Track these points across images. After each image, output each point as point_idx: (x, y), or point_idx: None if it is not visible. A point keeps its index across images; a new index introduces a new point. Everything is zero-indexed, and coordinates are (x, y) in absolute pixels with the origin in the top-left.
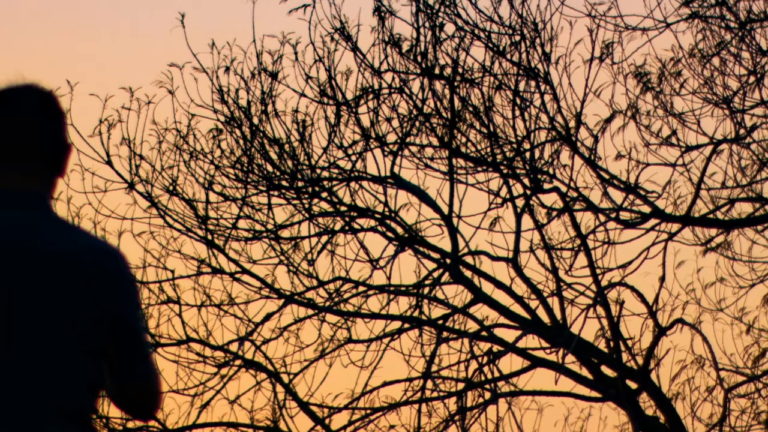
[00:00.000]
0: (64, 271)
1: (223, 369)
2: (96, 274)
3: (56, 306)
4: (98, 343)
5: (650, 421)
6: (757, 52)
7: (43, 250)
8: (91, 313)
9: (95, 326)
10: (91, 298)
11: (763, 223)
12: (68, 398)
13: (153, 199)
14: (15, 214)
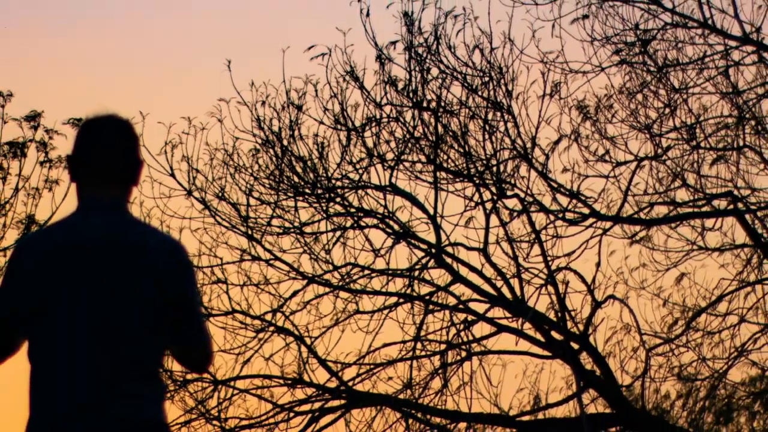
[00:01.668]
0: (138, 258)
1: (260, 334)
2: (163, 260)
3: (132, 287)
4: (164, 316)
5: (589, 374)
6: (671, 89)
7: (122, 243)
8: (158, 291)
9: (161, 302)
10: (158, 280)
11: (676, 221)
12: (141, 361)
13: (206, 203)
14: (101, 215)
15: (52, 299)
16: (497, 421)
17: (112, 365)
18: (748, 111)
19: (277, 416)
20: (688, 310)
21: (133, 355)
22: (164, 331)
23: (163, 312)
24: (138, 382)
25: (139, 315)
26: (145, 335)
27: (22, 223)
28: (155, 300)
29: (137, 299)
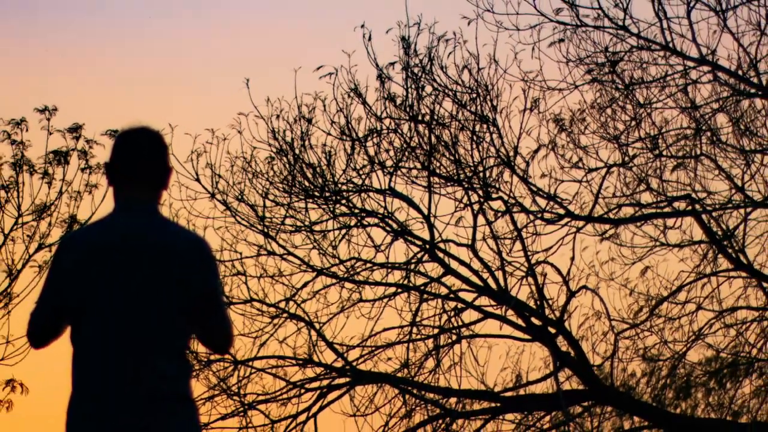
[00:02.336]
0: (167, 253)
1: (274, 320)
2: (189, 255)
3: (162, 279)
4: (190, 304)
5: (564, 355)
6: (636, 105)
7: (153, 240)
8: (185, 283)
9: (188, 292)
10: (185, 273)
11: (640, 221)
12: (170, 342)
13: (227, 204)
14: (135, 216)
15: (91, 290)
16: (483, 397)
17: (144, 347)
18: (705, 124)
19: (290, 392)
20: (651, 299)
21: (162, 339)
22: (191, 317)
23: (189, 301)
24: (167, 362)
25: (168, 303)
26: (172, 321)
27: (65, 223)
28: (182, 290)
29: (166, 290)
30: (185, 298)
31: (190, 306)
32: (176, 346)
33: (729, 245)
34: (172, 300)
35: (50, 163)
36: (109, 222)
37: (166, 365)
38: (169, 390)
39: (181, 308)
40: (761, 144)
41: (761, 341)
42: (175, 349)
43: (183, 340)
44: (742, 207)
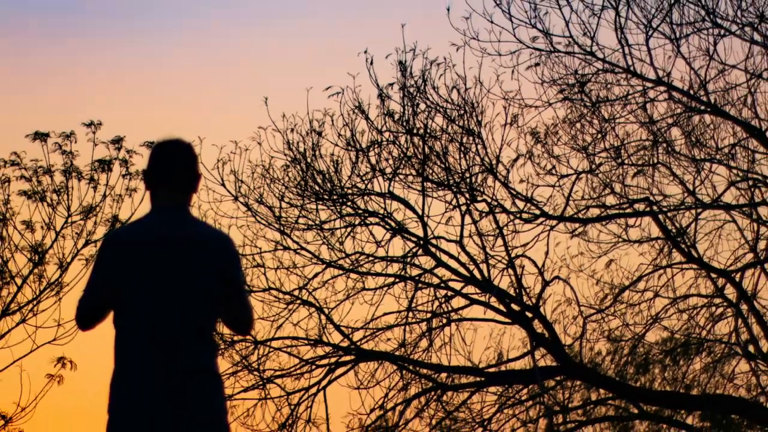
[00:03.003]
0: (197, 248)
1: (289, 306)
2: (216, 249)
3: (193, 270)
4: (217, 292)
5: (539, 337)
6: (602, 120)
7: (184, 237)
8: (213, 273)
9: (215, 282)
10: (213, 265)
11: (605, 220)
12: (200, 325)
13: (248, 206)
14: (169, 216)
15: (131, 280)
16: (470, 372)
17: (177, 330)
18: (661, 136)
19: (303, 368)
20: (615, 287)
21: (193, 322)
22: (217, 304)
23: (216, 289)
24: (197, 342)
25: (198, 292)
26: (202, 307)
27: (109, 222)
28: (210, 280)
29: (196, 280)
30: (213, 287)
31: (217, 294)
32: (205, 328)
33: (682, 241)
34: (202, 288)
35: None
36: (146, 221)
37: (196, 345)
38: (199, 367)
39: (209, 296)
40: (709, 154)
41: (710, 324)
42: (204, 331)
43: (210, 323)
44: (693, 208)
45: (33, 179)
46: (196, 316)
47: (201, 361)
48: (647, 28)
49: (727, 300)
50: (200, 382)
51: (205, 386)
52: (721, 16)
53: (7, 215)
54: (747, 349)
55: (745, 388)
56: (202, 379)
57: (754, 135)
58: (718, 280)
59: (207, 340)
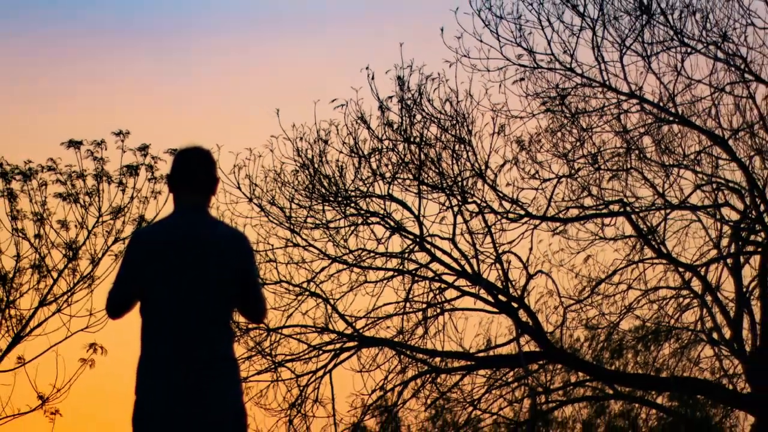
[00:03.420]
0: (216, 245)
1: (299, 296)
2: (233, 246)
3: (211, 265)
4: (234, 285)
5: (524, 325)
6: (580, 129)
7: (204, 235)
8: (230, 268)
9: (232, 276)
10: (229, 260)
11: (584, 220)
12: (218, 314)
13: (262, 207)
14: (190, 216)
15: (156, 274)
16: (461, 356)
17: (198, 318)
18: (633, 144)
19: (311, 353)
20: (592, 280)
21: (211, 312)
22: (234, 295)
23: (233, 282)
24: (215, 331)
25: (216, 284)
26: (220, 298)
27: (135, 221)
28: (227, 274)
29: (215, 274)
30: (230, 280)
31: (233, 286)
32: (222, 317)
33: (652, 239)
34: (220, 282)
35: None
36: (170, 221)
37: (215, 334)
38: (217, 353)
39: (226, 288)
40: (677, 160)
41: (677, 314)
42: (222, 320)
43: (228, 312)
44: (663, 209)
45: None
46: (215, 307)
47: (219, 348)
48: (621, 47)
49: (693, 292)
50: (218, 367)
51: (223, 371)
52: (688, 36)
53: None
54: (711, 336)
55: (710, 371)
56: (220, 364)
57: (718, 143)
58: (685, 273)
59: (224, 329)
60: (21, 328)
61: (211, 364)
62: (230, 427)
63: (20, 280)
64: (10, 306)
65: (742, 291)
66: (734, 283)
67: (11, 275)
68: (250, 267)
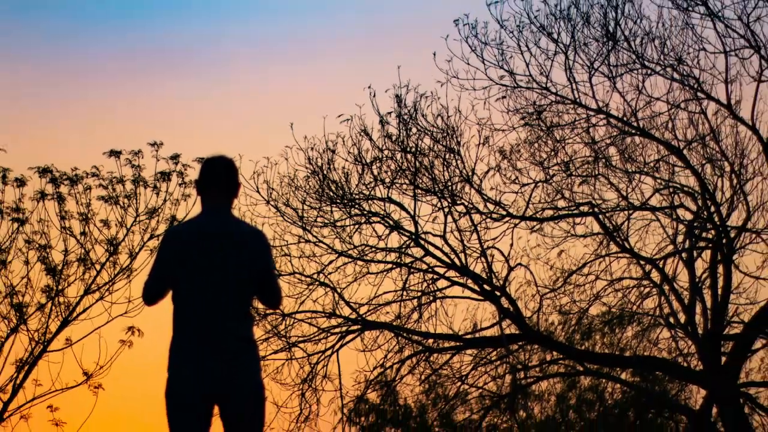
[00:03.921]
0: (238, 241)
1: (310, 286)
2: (253, 242)
3: (234, 259)
4: (253, 275)
5: (506, 310)
6: (554, 140)
7: (228, 232)
8: (250, 263)
9: (252, 268)
10: (250, 255)
11: (557, 219)
12: (240, 301)
13: (278, 208)
14: (216, 216)
15: (186, 266)
16: (451, 338)
17: (222, 305)
18: (600, 153)
19: (320, 335)
20: (564, 272)
21: (234, 299)
22: (254, 285)
23: (253, 273)
24: (237, 316)
25: (238, 275)
26: (242, 288)
27: (168, 220)
28: (248, 266)
29: (237, 266)
30: (250, 272)
31: (253, 277)
32: (243, 304)
33: (617, 236)
34: (241, 273)
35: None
36: (198, 220)
37: (237, 317)
38: (239, 335)
39: (247, 279)
40: (639, 167)
41: (639, 301)
42: (243, 307)
43: (248, 300)
44: (626, 210)
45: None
46: (237, 295)
47: (240, 331)
48: (590, 69)
49: (653, 282)
50: (240, 347)
51: (244, 350)
52: (648, 60)
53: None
54: (668, 321)
55: (667, 351)
56: (241, 344)
57: (674, 152)
58: (646, 266)
59: (245, 314)
60: (68, 313)
61: (233, 345)
62: (250, 399)
63: (68, 271)
64: (59, 294)
65: (695, 281)
66: (688, 275)
67: (60, 267)
68: (267, 260)
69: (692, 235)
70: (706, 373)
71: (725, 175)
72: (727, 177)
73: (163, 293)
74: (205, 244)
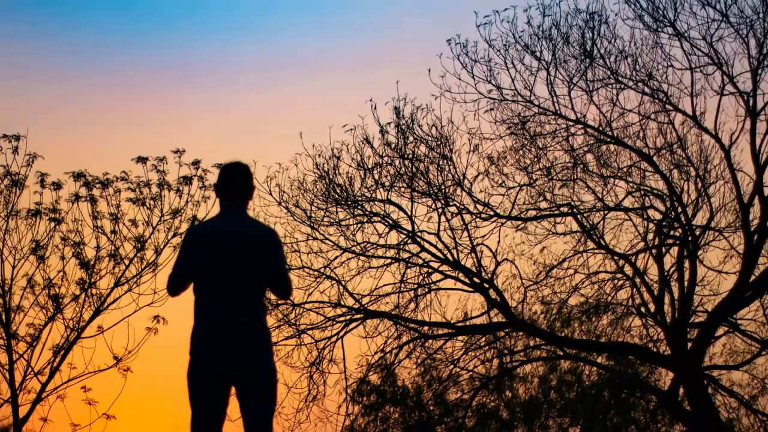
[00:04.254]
0: (253, 239)
1: (317, 279)
2: (266, 239)
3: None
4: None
5: (494, 301)
6: (537, 148)
7: (244, 231)
8: (264, 258)
9: (266, 264)
10: (263, 251)
11: (540, 219)
12: (255, 293)
13: (288, 209)
14: (233, 216)
15: (206, 262)
16: (444, 325)
17: (239, 296)
18: (579, 160)
19: (326, 323)
20: (546, 266)
21: (250, 291)
22: (267, 278)
23: (266, 267)
24: (252, 306)
25: (253, 269)
26: (256, 280)
27: (189, 220)
28: (262, 261)
29: (252, 261)
30: (264, 266)
31: (266, 272)
32: (257, 295)
33: (594, 234)
34: (256, 267)
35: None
36: (217, 220)
37: (251, 307)
38: (253, 322)
39: (260, 272)
40: (613, 172)
41: (613, 292)
42: (257, 297)
43: (261, 291)
44: (602, 210)
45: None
46: (251, 287)
47: (255, 318)
48: (569, 84)
49: (626, 275)
50: (254, 333)
51: (258, 336)
52: (622, 75)
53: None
54: (640, 310)
55: (638, 337)
56: (256, 331)
57: (645, 159)
58: (619, 261)
59: (259, 304)
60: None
61: (248, 331)
62: (263, 381)
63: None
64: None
65: (663, 275)
66: (657, 269)
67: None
68: (279, 256)
69: (661, 233)
70: (674, 357)
71: (691, 179)
72: (693, 181)
73: (186, 286)
74: (223, 240)
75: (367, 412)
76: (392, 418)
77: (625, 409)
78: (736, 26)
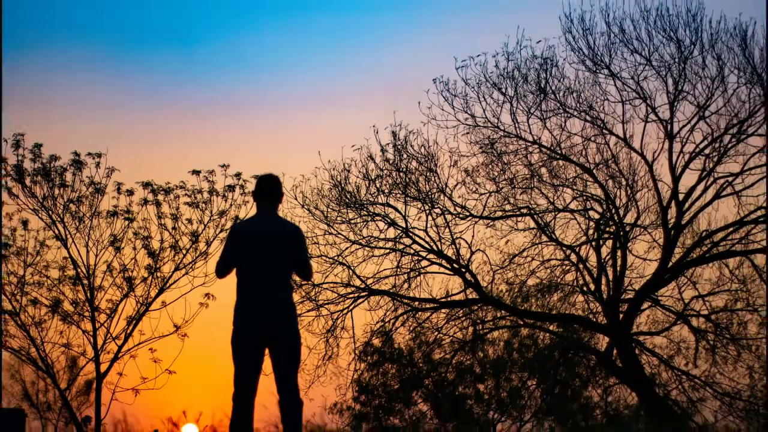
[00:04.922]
0: (283, 236)
1: (332, 265)
2: (294, 235)
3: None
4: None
5: (469, 282)
6: (503, 163)
7: (276, 229)
8: (292, 250)
9: (293, 255)
10: (291, 246)
11: (505, 218)
12: (284, 276)
13: (310, 210)
14: (267, 217)
15: (246, 253)
16: (431, 301)
17: (273, 279)
18: (536, 172)
19: (339, 299)
20: (510, 255)
21: (281, 275)
22: (293, 265)
23: (293, 257)
24: (282, 285)
25: (284, 259)
26: (286, 267)
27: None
28: (290, 253)
29: (283, 253)
30: (291, 256)
31: (293, 260)
32: (286, 278)
33: (547, 230)
34: (286, 257)
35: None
36: (254, 220)
37: (281, 287)
38: (284, 299)
39: (288, 260)
40: (562, 182)
41: (562, 275)
42: (285, 279)
43: (289, 275)
44: (553, 212)
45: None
46: (281, 272)
47: (283, 296)
48: (528, 113)
49: (572, 262)
50: (285, 307)
51: (286, 309)
52: (568, 106)
53: (177, 215)
54: (582, 289)
55: (581, 310)
56: (286, 306)
57: (586, 171)
58: (567, 251)
59: (287, 284)
60: (164, 283)
61: (279, 306)
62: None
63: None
64: (157, 271)
65: (601, 261)
66: (596, 257)
67: (158, 252)
68: (303, 249)
69: (599, 229)
70: (609, 326)
71: (622, 187)
72: (624, 189)
73: (229, 270)
74: (259, 236)
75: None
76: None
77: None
78: (657, 69)
